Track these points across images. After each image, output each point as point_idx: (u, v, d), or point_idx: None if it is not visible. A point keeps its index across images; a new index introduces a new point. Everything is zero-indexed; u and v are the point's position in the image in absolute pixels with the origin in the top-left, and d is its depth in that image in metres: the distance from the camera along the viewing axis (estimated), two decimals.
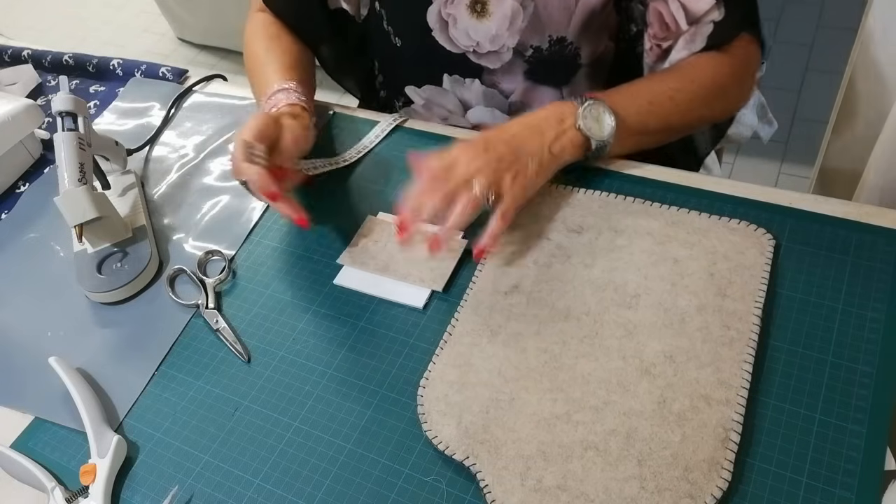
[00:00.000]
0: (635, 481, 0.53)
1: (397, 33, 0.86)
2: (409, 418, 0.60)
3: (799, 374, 0.57)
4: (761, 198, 0.69)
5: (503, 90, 0.85)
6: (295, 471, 0.60)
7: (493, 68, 0.83)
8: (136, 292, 0.75)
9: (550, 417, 0.57)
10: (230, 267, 0.75)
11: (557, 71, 0.82)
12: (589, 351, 0.61)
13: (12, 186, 0.91)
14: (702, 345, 0.59)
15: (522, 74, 0.83)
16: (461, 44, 0.82)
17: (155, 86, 0.99)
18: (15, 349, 0.73)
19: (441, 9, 0.80)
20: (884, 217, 0.65)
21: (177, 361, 0.69)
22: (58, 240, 0.82)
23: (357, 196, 0.78)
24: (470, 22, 0.80)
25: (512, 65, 0.82)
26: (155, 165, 0.88)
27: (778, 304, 0.62)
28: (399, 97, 0.93)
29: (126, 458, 0.63)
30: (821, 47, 2.08)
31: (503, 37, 0.79)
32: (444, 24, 0.81)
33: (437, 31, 0.82)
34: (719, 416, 0.55)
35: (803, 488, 0.52)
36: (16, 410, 0.68)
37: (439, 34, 0.82)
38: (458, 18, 0.80)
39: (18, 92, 1.01)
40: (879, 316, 0.59)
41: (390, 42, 0.87)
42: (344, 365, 0.65)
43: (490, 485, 0.55)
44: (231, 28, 0.92)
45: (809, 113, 1.93)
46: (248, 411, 0.64)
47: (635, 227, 0.68)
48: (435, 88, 0.88)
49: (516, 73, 0.83)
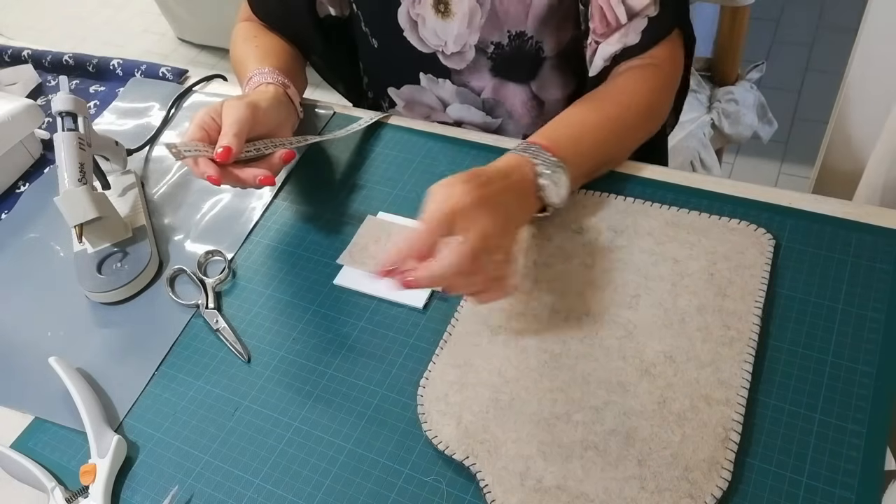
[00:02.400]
0: (635, 481, 0.53)
1: (374, 34, 0.87)
2: (409, 418, 0.60)
3: (799, 374, 0.57)
4: (761, 198, 0.69)
5: (473, 88, 0.86)
6: (295, 471, 0.60)
7: (459, 69, 0.84)
8: (136, 292, 0.75)
9: (550, 417, 0.57)
10: (230, 267, 0.75)
11: (522, 66, 0.82)
12: (589, 351, 0.61)
13: (12, 186, 0.91)
14: (702, 345, 0.59)
15: (489, 72, 0.83)
16: (431, 44, 0.83)
17: (155, 86, 0.99)
18: (15, 349, 0.73)
19: (409, 9, 0.81)
20: (884, 217, 0.65)
21: (177, 361, 0.69)
22: (58, 240, 0.82)
23: (356, 196, 0.78)
24: (437, 22, 0.81)
25: (477, 63, 0.83)
26: (155, 165, 0.88)
27: (778, 304, 0.62)
28: (384, 98, 0.94)
29: (126, 458, 0.63)
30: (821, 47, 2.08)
31: (465, 35, 0.80)
32: (413, 24, 0.82)
33: (408, 31, 0.83)
34: (719, 416, 0.55)
35: (803, 488, 0.52)
36: (16, 410, 0.68)
37: (410, 34, 0.83)
38: (426, 18, 0.81)
39: (18, 92, 1.01)
40: (879, 316, 0.59)
41: (369, 43, 0.89)
42: (344, 365, 0.65)
43: (490, 484, 0.55)
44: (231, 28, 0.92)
45: (809, 113, 1.93)
46: (248, 411, 0.64)
47: (635, 227, 0.68)
48: (414, 87, 0.89)
49: (482, 71, 0.84)
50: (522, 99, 0.85)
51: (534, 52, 0.81)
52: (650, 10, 0.72)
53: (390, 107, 0.94)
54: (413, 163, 0.80)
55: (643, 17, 0.72)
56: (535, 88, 0.84)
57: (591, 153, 0.70)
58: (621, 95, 0.73)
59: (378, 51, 0.89)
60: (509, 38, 0.80)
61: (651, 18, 0.72)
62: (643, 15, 0.72)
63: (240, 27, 0.91)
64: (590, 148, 0.70)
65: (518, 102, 0.86)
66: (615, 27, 0.73)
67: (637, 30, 0.72)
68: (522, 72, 0.83)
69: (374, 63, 0.93)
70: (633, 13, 0.71)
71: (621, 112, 0.72)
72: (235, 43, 0.89)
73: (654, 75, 0.74)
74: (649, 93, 0.74)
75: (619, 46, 0.73)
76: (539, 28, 0.79)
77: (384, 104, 0.95)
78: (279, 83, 0.78)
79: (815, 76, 2.02)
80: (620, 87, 0.74)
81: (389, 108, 0.95)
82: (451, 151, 0.80)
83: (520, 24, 0.78)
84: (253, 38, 0.87)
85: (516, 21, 0.78)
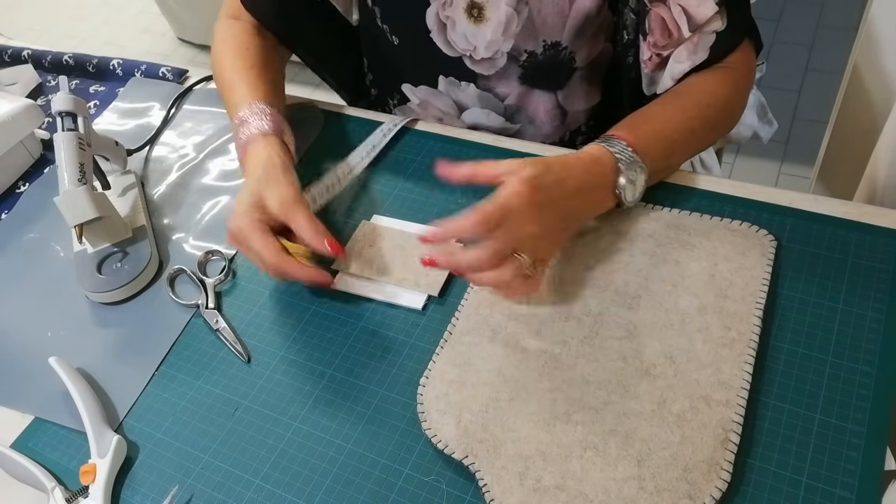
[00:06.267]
0: (634, 482, 0.53)
1: (394, 32, 0.86)
2: (409, 418, 0.60)
3: (799, 374, 0.57)
4: (761, 198, 0.69)
5: (498, 94, 0.85)
6: (295, 471, 0.60)
7: (487, 75, 0.83)
8: (136, 292, 0.75)
9: (550, 417, 0.57)
10: (230, 267, 0.75)
11: (552, 75, 0.82)
12: (589, 351, 0.61)
13: (12, 186, 0.91)
14: (702, 345, 0.59)
15: (517, 79, 0.83)
16: (459, 47, 0.82)
17: (155, 86, 0.99)
18: (15, 349, 0.73)
19: (439, 11, 0.80)
20: (884, 217, 0.65)
21: (177, 361, 0.69)
22: (58, 240, 0.82)
23: (356, 196, 0.78)
24: (468, 26, 0.79)
25: (507, 70, 0.82)
26: (155, 165, 0.88)
27: (778, 304, 0.62)
28: (394, 95, 0.93)
29: (126, 458, 0.63)
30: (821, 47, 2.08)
31: (498, 42, 0.79)
32: (442, 26, 0.81)
33: (436, 32, 0.82)
34: (719, 417, 0.55)
35: (803, 488, 0.52)
36: (16, 410, 0.68)
37: (437, 36, 0.82)
38: (456, 21, 0.80)
39: (18, 92, 1.01)
40: (879, 316, 0.59)
41: (387, 40, 0.87)
42: (344, 365, 0.65)
43: (489, 484, 0.55)
44: None
45: (809, 113, 1.94)
46: (248, 411, 0.64)
47: (636, 229, 0.68)
48: (429, 90, 0.88)
49: (511, 78, 0.83)
50: (547, 107, 0.85)
51: (566, 62, 0.80)
52: (717, 25, 0.70)
53: (399, 104, 0.94)
54: (413, 162, 0.80)
55: (710, 32, 0.70)
56: (562, 98, 0.84)
57: (670, 151, 0.70)
58: (702, 95, 0.72)
59: (398, 48, 0.87)
60: (544, 48, 0.79)
61: (719, 33, 0.70)
62: (710, 30, 0.70)
63: (224, 29, 0.87)
64: (670, 146, 0.69)
65: (542, 110, 0.85)
66: (678, 39, 0.71)
67: (706, 46, 0.71)
68: (552, 81, 0.83)
69: (389, 60, 0.91)
70: (696, 26, 0.70)
71: (701, 111, 0.71)
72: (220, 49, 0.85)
73: (730, 77, 0.73)
74: (725, 91, 0.73)
75: (689, 65, 0.72)
76: (574, 38, 0.78)
77: (392, 101, 0.94)
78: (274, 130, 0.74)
79: (815, 76, 2.02)
80: (700, 87, 0.72)
81: (398, 106, 0.94)
82: (452, 152, 0.80)
83: (556, 33, 0.78)
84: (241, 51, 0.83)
85: (553, 31, 0.78)
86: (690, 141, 0.72)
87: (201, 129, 0.91)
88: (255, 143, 0.73)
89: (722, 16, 0.69)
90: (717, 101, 0.72)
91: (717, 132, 0.75)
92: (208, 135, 0.90)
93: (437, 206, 0.75)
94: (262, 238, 0.66)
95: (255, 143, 0.72)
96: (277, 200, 0.67)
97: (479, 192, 0.75)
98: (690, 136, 0.71)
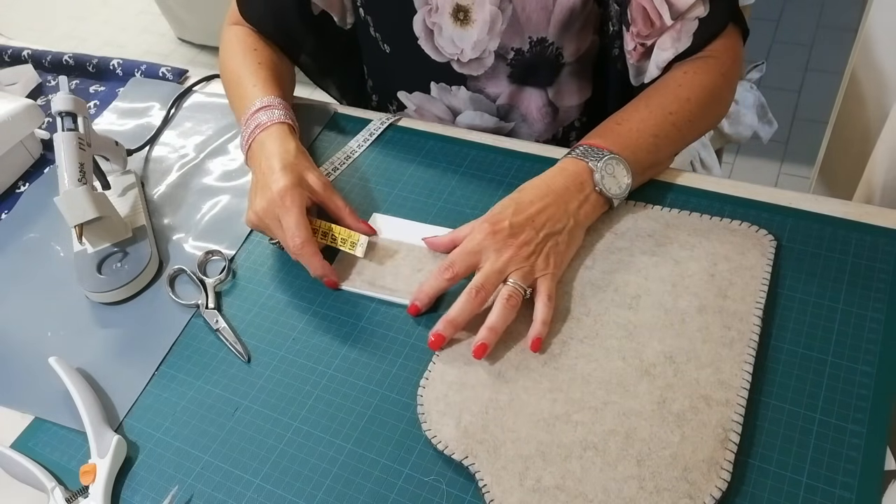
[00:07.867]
0: (634, 481, 0.53)
1: (385, 40, 0.86)
2: (409, 418, 0.60)
3: (799, 374, 0.57)
4: (761, 198, 0.69)
5: (489, 95, 0.85)
6: (295, 471, 0.60)
7: (476, 75, 0.83)
8: (136, 292, 0.75)
9: (550, 417, 0.57)
10: (230, 267, 0.75)
11: (541, 72, 0.82)
12: (589, 351, 0.61)
13: (12, 186, 0.91)
14: (702, 345, 0.59)
15: (507, 78, 0.83)
16: (446, 52, 0.82)
17: (155, 86, 0.99)
18: (15, 349, 0.73)
19: (426, 17, 0.80)
20: (884, 217, 0.65)
21: (177, 361, 0.69)
22: (58, 240, 0.82)
23: (356, 195, 0.78)
24: (455, 30, 0.80)
25: (495, 69, 0.82)
26: (155, 165, 0.88)
27: (778, 304, 0.62)
28: (392, 102, 0.93)
29: (126, 458, 0.63)
30: (821, 47, 2.08)
31: (485, 41, 0.79)
32: (429, 32, 0.81)
33: (423, 39, 0.82)
34: (719, 417, 0.55)
35: (803, 488, 0.52)
36: (16, 410, 0.68)
37: (425, 43, 0.83)
38: (442, 27, 0.80)
39: (18, 92, 1.01)
40: (879, 316, 0.59)
41: (379, 48, 0.88)
42: (344, 365, 0.65)
43: (489, 484, 0.55)
44: None
45: (809, 113, 1.94)
46: (248, 411, 0.64)
47: (636, 229, 0.68)
48: (424, 96, 0.88)
49: (500, 78, 0.83)
50: (538, 104, 0.85)
51: (554, 57, 0.80)
52: (699, 11, 0.70)
53: (398, 111, 0.94)
54: (413, 162, 0.80)
55: (693, 18, 0.70)
56: (552, 94, 0.84)
57: (653, 146, 0.70)
58: (679, 89, 0.72)
59: (390, 56, 0.87)
60: (530, 45, 0.79)
61: (702, 19, 0.70)
62: (692, 17, 0.70)
63: (230, 35, 0.87)
64: (651, 141, 0.70)
65: (534, 108, 0.85)
66: (660, 27, 0.71)
67: (689, 32, 0.71)
68: (541, 78, 0.83)
69: (383, 68, 0.92)
70: (678, 14, 0.70)
71: (682, 105, 0.71)
72: (227, 54, 0.86)
73: (713, 66, 0.73)
74: (708, 82, 0.73)
75: (672, 52, 0.72)
76: (560, 34, 0.78)
77: (391, 108, 0.95)
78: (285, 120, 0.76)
79: (815, 76, 2.02)
80: (678, 80, 0.73)
81: (397, 112, 0.95)
82: (451, 152, 0.80)
83: (541, 29, 0.78)
84: (248, 52, 0.84)
85: (538, 27, 0.78)
86: (673, 135, 0.72)
87: (201, 129, 0.91)
88: (280, 127, 0.75)
89: (704, 2, 0.70)
90: (698, 94, 0.72)
91: (704, 123, 0.75)
92: (208, 135, 0.90)
93: (437, 206, 0.75)
94: (300, 216, 0.68)
95: (280, 128, 0.75)
96: (320, 181, 0.72)
97: (479, 193, 0.75)
98: (674, 130, 0.71)
